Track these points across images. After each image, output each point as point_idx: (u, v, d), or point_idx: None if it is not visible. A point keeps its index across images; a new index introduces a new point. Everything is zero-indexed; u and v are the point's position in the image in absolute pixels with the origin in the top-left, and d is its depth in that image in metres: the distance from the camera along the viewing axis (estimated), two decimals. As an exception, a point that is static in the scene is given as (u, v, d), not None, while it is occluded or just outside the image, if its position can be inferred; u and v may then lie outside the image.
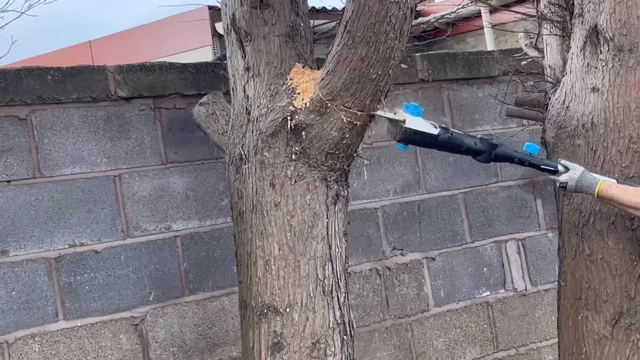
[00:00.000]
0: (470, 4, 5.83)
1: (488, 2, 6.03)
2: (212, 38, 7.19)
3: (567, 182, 3.40)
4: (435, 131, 3.31)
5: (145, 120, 4.14)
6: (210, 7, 6.68)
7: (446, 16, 6.78)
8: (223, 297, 4.21)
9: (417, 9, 7.97)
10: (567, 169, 3.44)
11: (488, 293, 5.16)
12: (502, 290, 5.23)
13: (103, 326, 3.94)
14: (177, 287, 4.13)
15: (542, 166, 3.49)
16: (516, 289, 5.28)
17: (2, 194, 3.80)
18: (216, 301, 4.22)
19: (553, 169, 3.47)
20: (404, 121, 3.26)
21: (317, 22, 3.71)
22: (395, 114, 3.30)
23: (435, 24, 7.45)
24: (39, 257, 3.84)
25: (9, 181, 3.81)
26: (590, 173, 3.44)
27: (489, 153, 3.43)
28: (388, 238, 4.83)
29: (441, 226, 5.04)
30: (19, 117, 3.86)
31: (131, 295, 4.01)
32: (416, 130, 3.28)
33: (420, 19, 8.07)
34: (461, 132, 3.46)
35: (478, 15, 7.91)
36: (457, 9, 5.46)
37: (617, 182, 3.47)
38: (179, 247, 4.16)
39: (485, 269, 5.16)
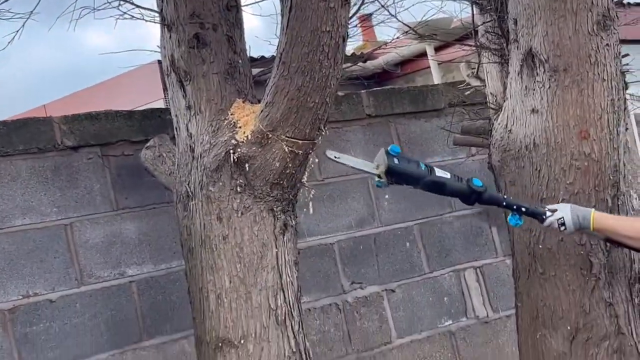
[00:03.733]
0: (414, 41, 5.93)
1: (433, 37, 6.15)
2: (164, 92, 7.27)
3: (563, 218, 3.29)
4: (420, 169, 3.23)
5: (93, 169, 4.17)
6: (160, 62, 6.74)
7: (394, 53, 6.89)
8: (182, 339, 4.20)
9: (366, 52, 8.13)
10: (554, 211, 3.33)
11: (450, 322, 5.19)
12: (464, 319, 5.25)
13: (61, 376, 3.92)
14: (135, 332, 4.12)
15: (530, 209, 3.37)
16: (478, 316, 5.31)
17: (-48, 248, 3.80)
18: (175, 344, 4.21)
19: (542, 213, 3.35)
20: (387, 157, 3.19)
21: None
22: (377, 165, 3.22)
23: (384, 66, 7.61)
24: (-8, 309, 3.84)
25: (-43, 236, 3.82)
26: (576, 206, 3.36)
27: (477, 195, 3.30)
28: (346, 272, 4.86)
29: (399, 258, 5.08)
30: (-35, 171, 3.89)
31: (88, 343, 4.00)
32: (399, 168, 3.19)
33: (369, 63, 8.22)
34: (448, 174, 3.33)
35: (425, 55, 8.06)
36: (404, 46, 5.55)
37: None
38: (135, 292, 4.16)
39: (445, 298, 5.20)
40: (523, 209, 3.39)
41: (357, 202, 4.99)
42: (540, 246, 3.74)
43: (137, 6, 3.73)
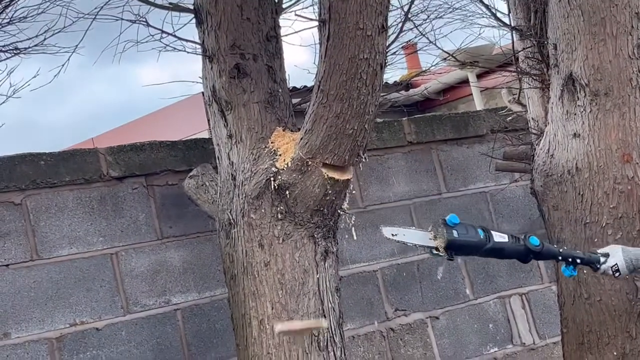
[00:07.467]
0: (457, 69, 5.95)
1: (474, 64, 6.17)
2: (208, 123, 7.33)
3: (617, 265, 3.19)
4: (480, 238, 3.12)
5: (138, 198, 4.23)
6: (203, 93, 6.82)
7: (435, 81, 6.90)
8: (227, 367, 4.23)
9: (406, 80, 8.17)
10: (607, 255, 3.23)
11: (496, 349, 5.15)
12: (510, 346, 5.21)
13: (108, 404, 3.96)
14: (180, 360, 4.16)
15: (585, 259, 3.25)
16: (524, 343, 5.26)
17: (2, 277, 3.88)
18: (220, 372, 4.23)
19: (596, 261, 3.24)
20: (446, 230, 3.06)
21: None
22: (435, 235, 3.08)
23: (426, 93, 7.62)
24: (40, 337, 3.89)
25: (7, 265, 3.90)
26: (627, 247, 3.27)
27: (535, 254, 3.22)
28: (389, 299, 4.85)
29: (442, 285, 5.06)
30: (14, 202, 3.97)
31: (134, 371, 4.04)
32: (459, 242, 3.08)
33: (411, 91, 8.24)
34: (505, 237, 3.22)
35: (467, 82, 8.07)
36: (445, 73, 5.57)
37: None
38: (180, 320, 4.20)
39: (490, 325, 5.16)
40: (578, 260, 3.32)
41: (399, 229, 4.98)
42: (584, 271, 3.71)
43: (179, 38, 3.81)
